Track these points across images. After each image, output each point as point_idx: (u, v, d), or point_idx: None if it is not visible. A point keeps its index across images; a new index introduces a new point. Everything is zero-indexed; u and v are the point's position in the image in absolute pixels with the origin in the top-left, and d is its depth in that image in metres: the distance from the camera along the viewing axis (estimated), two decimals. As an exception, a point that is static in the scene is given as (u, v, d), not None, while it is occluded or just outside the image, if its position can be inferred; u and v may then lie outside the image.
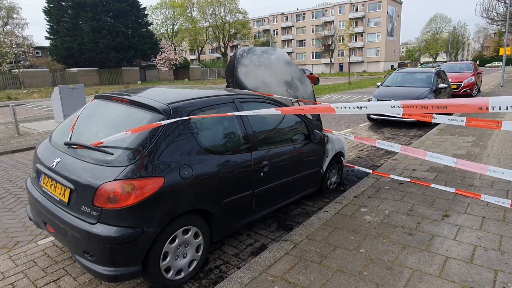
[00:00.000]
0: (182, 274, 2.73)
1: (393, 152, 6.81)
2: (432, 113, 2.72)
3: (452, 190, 3.92)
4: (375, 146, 7.34)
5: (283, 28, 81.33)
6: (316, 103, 4.52)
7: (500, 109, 1.91)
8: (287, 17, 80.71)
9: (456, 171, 5.09)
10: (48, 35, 40.73)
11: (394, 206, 3.91)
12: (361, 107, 2.53)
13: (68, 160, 2.65)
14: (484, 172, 2.79)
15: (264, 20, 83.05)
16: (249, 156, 3.12)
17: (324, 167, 4.35)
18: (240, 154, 3.07)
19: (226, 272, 2.92)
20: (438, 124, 9.08)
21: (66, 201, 2.50)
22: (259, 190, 3.25)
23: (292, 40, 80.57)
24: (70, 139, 2.85)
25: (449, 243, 3.05)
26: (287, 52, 5.31)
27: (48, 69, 37.14)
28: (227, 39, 69.91)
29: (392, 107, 2.40)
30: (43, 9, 39.88)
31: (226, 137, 3.06)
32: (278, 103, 3.75)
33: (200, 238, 2.81)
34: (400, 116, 3.62)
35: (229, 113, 3.02)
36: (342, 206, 3.95)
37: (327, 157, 4.37)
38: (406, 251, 2.94)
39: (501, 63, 34.11)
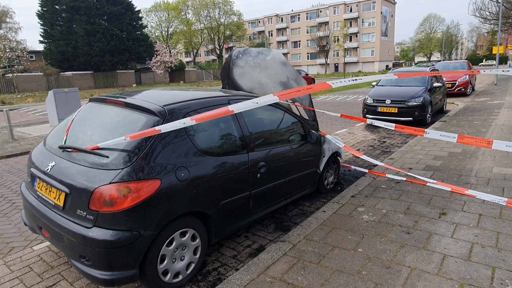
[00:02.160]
0: (180, 277, 2.71)
1: (389, 151, 6.83)
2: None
3: (448, 188, 3.93)
4: (372, 146, 7.37)
5: (278, 30, 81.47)
6: (312, 103, 4.52)
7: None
8: (281, 19, 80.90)
9: (452, 169, 5.11)
10: (42, 39, 40.54)
11: (391, 205, 3.92)
12: (355, 79, 3.12)
13: (63, 164, 2.63)
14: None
15: (259, 22, 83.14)
16: (245, 157, 3.11)
17: (321, 167, 4.35)
18: (236, 155, 3.05)
19: (224, 274, 2.91)
20: (434, 123, 9.14)
21: (62, 205, 2.48)
22: (256, 191, 3.24)
23: (287, 41, 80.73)
24: (65, 142, 2.82)
25: (447, 241, 3.06)
26: (282, 53, 5.32)
27: (42, 73, 36.93)
28: (222, 41, 69.93)
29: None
30: (36, 13, 39.69)
31: (222, 139, 3.05)
32: (274, 104, 3.75)
33: (197, 240, 2.79)
34: (393, 129, 3.75)
35: (229, 108, 2.94)
36: (340, 206, 3.95)
37: (323, 157, 4.38)
38: (404, 250, 2.95)
39: (494, 62, 34.44)
